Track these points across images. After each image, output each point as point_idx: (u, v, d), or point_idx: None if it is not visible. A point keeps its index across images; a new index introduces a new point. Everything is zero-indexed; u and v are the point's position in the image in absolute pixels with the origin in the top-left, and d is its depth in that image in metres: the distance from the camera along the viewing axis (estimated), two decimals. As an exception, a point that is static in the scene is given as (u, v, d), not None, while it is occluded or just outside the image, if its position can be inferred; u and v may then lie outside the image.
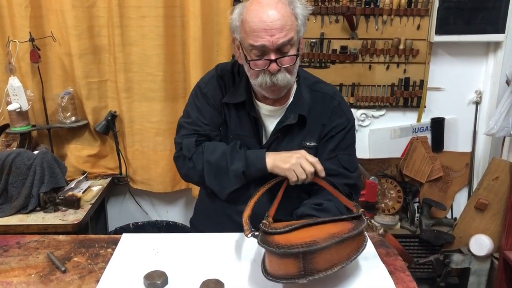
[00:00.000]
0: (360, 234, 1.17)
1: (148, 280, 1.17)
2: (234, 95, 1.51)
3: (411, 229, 2.58)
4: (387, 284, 1.20)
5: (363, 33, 2.45)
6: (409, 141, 2.62)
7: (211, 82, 1.55)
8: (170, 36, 2.33)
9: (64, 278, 1.22)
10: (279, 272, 1.09)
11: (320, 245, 1.05)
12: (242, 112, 1.52)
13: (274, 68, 1.35)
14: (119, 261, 1.30)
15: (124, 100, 2.42)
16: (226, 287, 1.16)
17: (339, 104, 1.54)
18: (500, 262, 2.35)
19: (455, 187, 2.71)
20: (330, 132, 1.52)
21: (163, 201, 2.73)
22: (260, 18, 1.31)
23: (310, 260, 1.05)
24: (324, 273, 1.07)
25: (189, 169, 1.54)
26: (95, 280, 1.20)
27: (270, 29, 1.30)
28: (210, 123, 1.54)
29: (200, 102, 1.55)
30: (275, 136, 1.51)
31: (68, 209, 2.14)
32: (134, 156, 2.52)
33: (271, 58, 1.34)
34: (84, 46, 2.33)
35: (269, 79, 1.37)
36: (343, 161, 1.52)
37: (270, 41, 1.31)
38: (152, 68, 2.35)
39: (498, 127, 2.32)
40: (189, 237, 1.45)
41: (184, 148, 1.54)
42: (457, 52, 2.52)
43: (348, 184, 1.52)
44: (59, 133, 2.49)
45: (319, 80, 1.60)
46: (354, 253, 1.14)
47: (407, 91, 2.54)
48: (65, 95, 2.36)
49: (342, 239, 1.09)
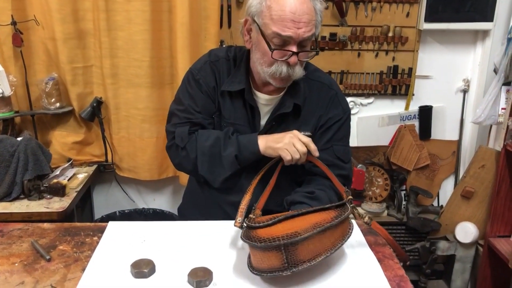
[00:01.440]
0: (343, 222, 1.16)
1: (135, 269, 1.16)
2: (232, 83, 1.48)
3: (398, 217, 2.59)
4: (376, 271, 1.20)
5: (352, 20, 2.43)
6: (397, 129, 2.63)
7: (204, 68, 1.51)
8: (157, 21, 2.28)
9: (49, 266, 1.19)
10: (263, 266, 1.08)
11: (301, 236, 1.04)
12: (237, 100, 1.49)
13: (294, 61, 1.34)
14: (105, 250, 1.28)
15: (110, 86, 2.37)
16: (214, 275, 1.15)
17: (336, 94, 1.53)
18: (485, 249, 2.38)
19: (442, 175, 2.73)
20: (326, 123, 1.51)
21: (150, 189, 2.70)
22: (290, 9, 1.28)
23: (292, 252, 1.05)
24: (308, 264, 1.06)
25: (182, 158, 1.51)
26: (81, 269, 1.18)
27: (298, 22, 1.29)
28: (203, 111, 1.51)
29: (193, 89, 1.51)
30: (270, 125, 1.50)
31: (53, 197, 2.11)
32: (120, 143, 2.49)
33: (294, 50, 1.33)
34: (69, 30, 2.27)
35: (285, 70, 1.36)
36: (338, 151, 1.52)
37: (297, 33, 1.30)
38: (138, 54, 2.31)
39: (485, 115, 2.33)
40: (177, 225, 1.43)
41: (177, 138, 1.51)
42: (446, 40, 2.52)
43: (342, 175, 1.51)
44: (43, 119, 2.44)
45: (317, 68, 1.58)
46: (339, 241, 1.14)
47: (396, 79, 2.53)
48: (49, 80, 2.31)
49: (324, 228, 1.08)
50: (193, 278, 1.12)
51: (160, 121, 2.41)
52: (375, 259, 1.26)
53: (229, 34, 2.43)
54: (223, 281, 1.15)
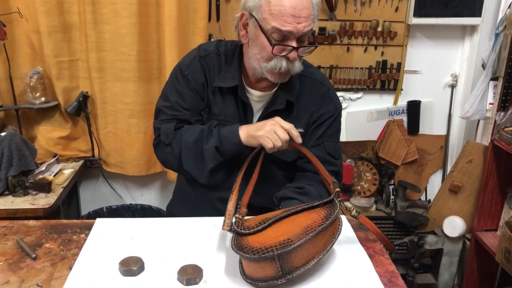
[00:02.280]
0: (333, 221, 1.15)
1: (123, 267, 1.14)
2: (225, 79, 1.44)
3: (386, 211, 2.61)
4: (366, 267, 1.20)
5: (341, 14, 2.42)
6: (385, 124, 2.63)
7: (193, 63, 1.47)
8: (144, 14, 2.25)
9: (35, 265, 1.17)
10: (257, 275, 1.07)
11: (295, 244, 1.03)
12: (229, 96, 1.46)
13: (294, 56, 1.33)
14: (93, 247, 1.26)
15: (96, 80, 2.34)
16: (204, 273, 1.13)
17: (328, 90, 1.52)
18: (472, 243, 2.40)
19: (430, 169, 2.75)
20: (318, 120, 1.50)
21: (138, 184, 2.68)
22: (290, 3, 1.26)
23: (286, 260, 1.04)
24: (302, 269, 1.06)
25: (168, 154, 1.49)
26: (68, 267, 1.16)
27: (298, 17, 1.27)
28: (190, 108, 1.47)
29: (181, 85, 1.47)
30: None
31: (38, 193, 2.07)
32: (107, 138, 2.45)
33: (294, 46, 1.31)
34: (53, 23, 2.22)
35: (285, 65, 1.33)
36: (328, 148, 1.51)
37: (297, 28, 1.28)
38: (125, 47, 2.27)
39: (473, 110, 2.34)
40: (166, 221, 1.41)
41: (162, 134, 1.48)
42: (434, 35, 2.53)
43: (333, 171, 1.49)
44: (28, 114, 2.39)
45: (308, 64, 1.56)
46: (330, 242, 1.13)
47: (385, 73, 2.53)
48: (33, 74, 2.26)
49: (317, 232, 1.07)
50: (183, 276, 1.11)
51: (147, 116, 2.38)
52: (365, 255, 1.25)
53: (218, 27, 2.40)
54: (214, 278, 1.13)
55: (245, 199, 1.32)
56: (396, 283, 1.15)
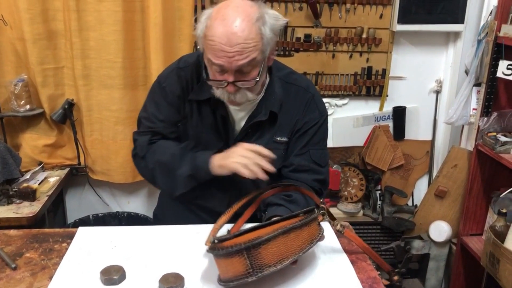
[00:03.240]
0: (309, 224, 1.14)
1: (104, 276, 1.13)
2: (200, 92, 1.42)
3: (373, 217, 2.62)
4: (348, 273, 1.20)
5: (326, 22, 2.44)
6: (371, 130, 2.65)
7: (171, 76, 1.46)
8: (129, 21, 2.25)
9: (15, 275, 1.16)
10: (228, 275, 1.06)
11: (262, 238, 1.03)
12: (206, 108, 1.44)
13: (230, 90, 1.28)
14: (74, 256, 1.25)
15: (82, 87, 2.33)
16: (186, 281, 1.13)
17: (313, 97, 1.48)
18: (458, 247, 2.42)
19: (416, 174, 2.77)
20: (303, 127, 1.47)
21: (124, 192, 2.66)
22: (220, 39, 1.20)
23: (255, 256, 1.03)
24: (274, 268, 1.04)
25: (142, 167, 1.49)
26: (48, 277, 1.15)
27: (229, 52, 1.21)
28: (165, 120, 1.46)
29: (158, 97, 1.47)
30: (245, 132, 1.45)
31: (23, 202, 2.06)
32: (93, 145, 2.44)
33: (229, 80, 1.26)
34: (38, 31, 2.21)
35: (227, 96, 1.31)
36: (314, 156, 1.48)
37: (228, 62, 1.22)
38: (110, 55, 2.27)
39: (457, 116, 2.36)
40: (148, 230, 1.41)
41: (137, 147, 1.50)
42: (418, 42, 2.55)
43: (318, 179, 1.49)
44: (13, 122, 2.37)
45: (292, 71, 1.53)
46: (307, 245, 1.11)
47: (370, 80, 2.55)
48: (18, 82, 2.25)
49: (286, 229, 1.07)
50: (164, 284, 1.10)
51: (133, 123, 2.34)
52: (348, 261, 1.26)
53: (204, 35, 2.40)
54: (195, 286, 1.13)
55: (234, 229, 1.31)
56: (377, 289, 1.15)
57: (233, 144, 1.42)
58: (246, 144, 1.33)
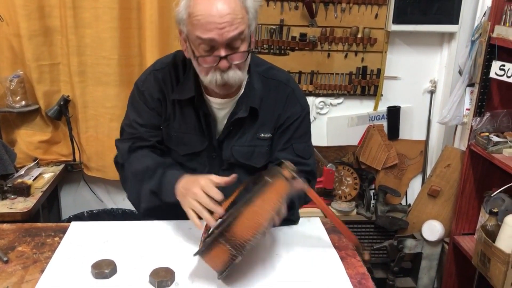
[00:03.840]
0: (271, 184, 1.11)
1: (95, 269, 1.14)
2: (182, 91, 1.41)
3: (367, 215, 2.63)
4: (337, 269, 1.22)
5: (322, 21, 2.45)
6: (365, 129, 2.66)
7: (148, 79, 1.44)
8: (125, 19, 2.26)
9: (6, 268, 1.17)
10: (219, 267, 1.09)
11: (229, 219, 1.05)
12: (188, 108, 1.43)
13: (224, 66, 1.26)
14: (66, 250, 1.26)
15: (78, 84, 2.34)
16: (176, 275, 1.14)
17: (293, 91, 1.47)
18: (450, 246, 2.43)
19: (410, 174, 2.78)
20: (285, 122, 1.46)
21: (119, 189, 2.66)
22: (209, 12, 1.20)
23: (231, 238, 1.04)
24: (254, 239, 1.05)
25: (121, 176, 1.49)
26: (40, 270, 1.16)
27: (220, 23, 1.20)
28: (146, 124, 1.45)
29: (137, 103, 1.45)
30: (228, 129, 1.44)
31: (17, 197, 2.06)
32: (88, 142, 2.45)
33: (221, 55, 1.24)
34: (34, 27, 2.22)
35: (219, 77, 1.28)
36: (297, 150, 1.48)
37: (219, 34, 1.21)
38: (106, 52, 2.28)
39: (450, 116, 2.38)
40: (141, 225, 1.42)
41: (118, 155, 1.49)
42: (413, 42, 2.56)
43: (305, 170, 1.47)
44: (8, 117, 2.38)
45: (272, 66, 1.53)
46: (277, 203, 1.10)
47: (365, 79, 2.57)
48: (14, 78, 2.26)
49: (247, 199, 1.07)
50: (155, 278, 1.12)
51: (129, 120, 2.38)
52: (337, 257, 1.27)
53: (199, 33, 2.41)
54: (185, 281, 1.14)
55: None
56: (366, 285, 1.17)
57: (216, 144, 1.43)
58: (209, 183, 1.21)
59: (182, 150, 1.47)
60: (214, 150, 1.46)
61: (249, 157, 1.46)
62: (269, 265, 1.22)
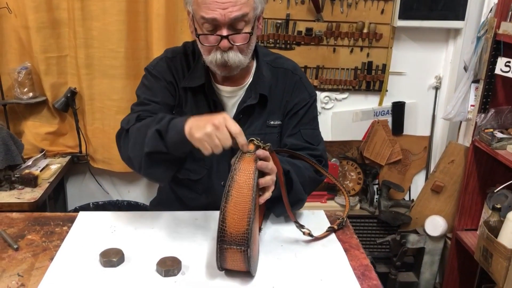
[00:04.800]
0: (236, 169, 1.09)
1: (104, 258, 1.16)
2: (192, 79, 1.43)
3: (370, 210, 2.64)
4: (341, 261, 1.23)
5: (328, 16, 2.45)
6: (370, 124, 2.67)
7: (160, 64, 1.46)
8: (132, 11, 2.27)
9: (17, 256, 1.19)
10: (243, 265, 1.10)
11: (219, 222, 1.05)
12: (199, 96, 1.45)
13: (224, 45, 1.27)
14: (75, 239, 1.28)
15: (85, 76, 2.35)
16: (183, 264, 1.16)
17: (300, 79, 1.51)
18: (453, 242, 2.45)
19: (413, 169, 2.79)
20: (293, 109, 1.49)
21: (125, 181, 2.69)
22: None
23: (231, 239, 1.06)
24: (250, 226, 1.05)
25: (123, 143, 1.35)
26: (49, 258, 1.18)
27: (223, 3, 1.23)
28: (161, 102, 1.41)
29: (150, 82, 1.44)
30: (237, 118, 1.45)
31: (24, 188, 2.09)
32: (95, 134, 2.47)
33: (223, 34, 1.26)
34: (42, 19, 2.24)
35: (219, 56, 1.29)
36: (305, 135, 1.49)
37: (222, 14, 1.23)
38: (113, 44, 2.29)
39: (455, 112, 2.38)
40: (147, 215, 1.44)
41: (123, 121, 1.39)
42: (419, 38, 2.57)
43: (314, 155, 1.48)
44: (16, 109, 2.40)
45: (279, 55, 1.56)
46: (251, 182, 1.08)
47: (370, 75, 2.57)
48: (22, 69, 2.27)
49: (225, 195, 1.06)
50: (162, 267, 1.13)
51: (135, 113, 2.39)
52: (341, 249, 1.29)
53: (206, 26, 2.42)
54: (192, 270, 1.16)
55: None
56: (369, 276, 1.18)
57: None
58: (228, 119, 1.13)
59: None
60: None
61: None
62: (273, 257, 1.23)
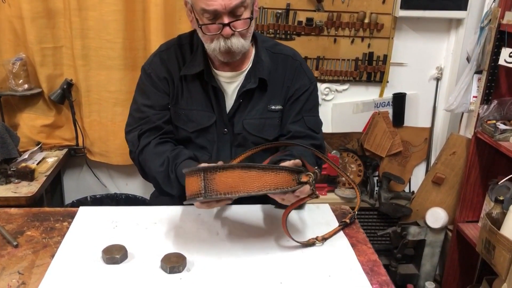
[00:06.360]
0: (276, 171, 1.09)
1: (106, 255, 1.13)
2: (192, 66, 1.46)
3: (371, 202, 2.63)
4: (349, 256, 1.21)
5: (329, 5, 2.42)
6: (371, 116, 2.65)
7: (154, 61, 1.51)
8: (129, 1, 2.22)
9: (16, 253, 1.16)
10: (188, 193, 1.11)
11: (219, 166, 1.08)
12: (196, 83, 1.48)
13: (227, 33, 1.31)
14: (76, 235, 1.25)
15: (81, 68, 2.31)
16: (188, 261, 1.14)
17: (300, 65, 1.53)
18: (454, 234, 2.44)
19: (414, 161, 2.78)
20: (294, 94, 1.51)
21: (122, 174, 2.66)
22: None
23: (211, 181, 1.07)
24: (222, 195, 1.07)
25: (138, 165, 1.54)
26: (50, 255, 1.15)
27: None
28: (155, 106, 1.49)
29: (144, 85, 1.51)
30: (237, 103, 1.48)
31: (21, 181, 2.05)
32: (92, 127, 2.43)
33: (224, 22, 1.29)
34: (37, 9, 2.18)
35: (223, 44, 1.33)
36: (309, 122, 1.52)
37: (222, 4, 1.26)
38: (110, 35, 2.24)
39: (457, 103, 2.36)
40: (150, 210, 1.41)
41: (129, 143, 1.53)
42: (420, 28, 2.53)
43: (315, 145, 1.50)
44: (11, 101, 2.35)
45: (277, 42, 1.59)
46: (267, 189, 1.08)
47: (371, 65, 2.54)
48: (16, 60, 2.23)
49: (246, 165, 1.08)
50: (166, 264, 1.11)
51: (133, 105, 2.36)
52: (349, 244, 1.27)
53: (205, 16, 2.38)
54: (197, 266, 1.14)
55: None
56: (378, 271, 1.16)
57: (227, 120, 1.46)
58: None
59: (190, 127, 1.50)
60: (225, 125, 1.50)
61: (260, 130, 1.49)
62: (280, 252, 1.21)
